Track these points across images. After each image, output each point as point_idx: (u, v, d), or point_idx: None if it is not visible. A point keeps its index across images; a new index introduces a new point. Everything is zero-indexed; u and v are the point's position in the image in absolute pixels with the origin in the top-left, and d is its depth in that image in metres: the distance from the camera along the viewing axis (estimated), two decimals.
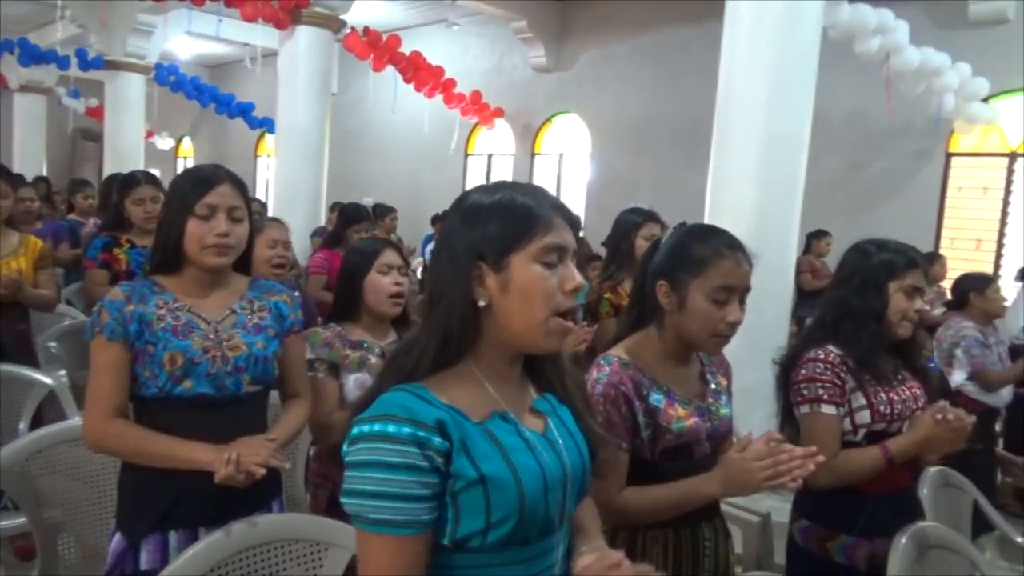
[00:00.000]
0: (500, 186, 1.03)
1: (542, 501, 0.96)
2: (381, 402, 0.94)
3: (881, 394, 1.77)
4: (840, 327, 1.79)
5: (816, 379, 1.76)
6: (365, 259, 2.03)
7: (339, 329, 2.01)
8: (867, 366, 1.77)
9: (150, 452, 1.51)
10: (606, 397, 1.38)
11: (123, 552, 1.54)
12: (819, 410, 1.75)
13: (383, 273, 2.00)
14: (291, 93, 7.13)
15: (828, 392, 1.74)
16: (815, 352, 1.79)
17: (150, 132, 12.41)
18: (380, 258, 2.02)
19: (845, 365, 1.76)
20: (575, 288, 0.98)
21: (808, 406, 1.76)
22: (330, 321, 2.06)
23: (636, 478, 1.38)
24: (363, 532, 0.92)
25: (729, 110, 4.11)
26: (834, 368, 1.75)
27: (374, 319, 2.03)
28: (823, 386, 1.74)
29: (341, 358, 1.95)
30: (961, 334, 3.31)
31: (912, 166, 6.85)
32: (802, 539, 1.84)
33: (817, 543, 1.80)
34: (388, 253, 2.04)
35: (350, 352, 1.96)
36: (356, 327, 2.03)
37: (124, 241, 2.97)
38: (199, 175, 1.60)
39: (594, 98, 9.11)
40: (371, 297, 2.01)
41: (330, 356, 1.94)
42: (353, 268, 2.04)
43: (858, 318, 1.78)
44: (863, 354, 1.76)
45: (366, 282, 2.01)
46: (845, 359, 1.77)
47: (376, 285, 2.00)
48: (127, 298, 1.53)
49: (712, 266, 1.38)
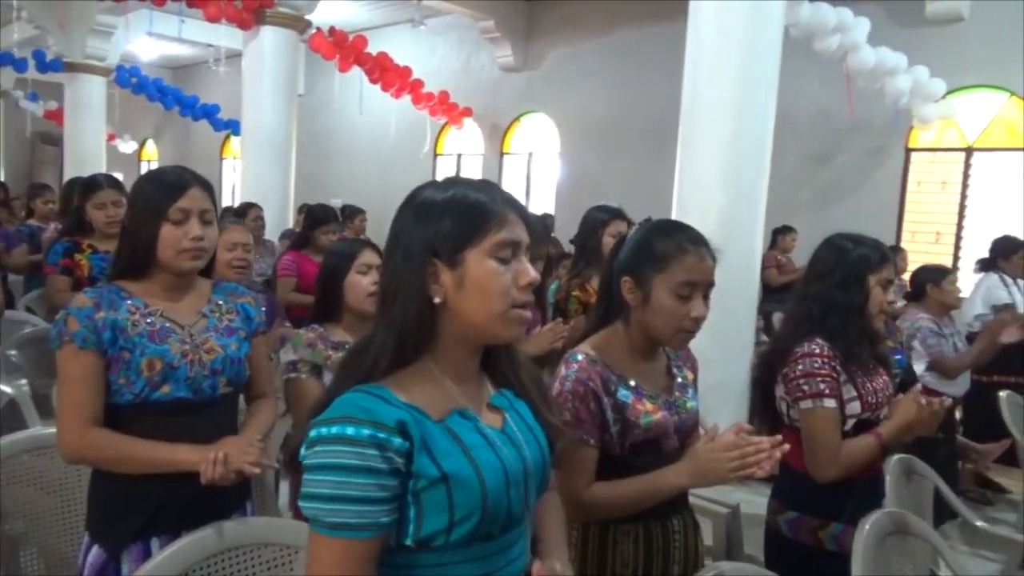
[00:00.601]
0: (451, 182, 1.03)
1: (504, 496, 0.97)
2: (339, 404, 0.94)
3: (867, 384, 1.83)
4: (826, 321, 1.84)
5: (815, 374, 1.79)
6: (344, 260, 2.05)
7: (321, 330, 2.02)
8: (853, 358, 1.82)
9: (133, 458, 1.48)
10: (575, 394, 1.38)
11: (103, 566, 1.51)
12: (822, 404, 1.78)
13: (362, 273, 2.02)
14: (256, 94, 7.06)
15: (829, 386, 1.78)
16: (808, 347, 1.82)
17: (112, 135, 12.18)
18: (359, 258, 2.04)
19: (836, 358, 1.81)
20: (529, 283, 0.99)
21: (811, 401, 1.79)
22: (312, 322, 2.07)
23: (605, 473, 1.39)
24: (318, 535, 0.91)
25: (695, 109, 4.16)
26: (830, 361, 1.80)
27: (355, 319, 2.04)
28: (824, 380, 1.78)
29: (323, 359, 1.96)
30: (917, 325, 3.39)
31: (873, 162, 6.99)
32: (790, 530, 1.87)
33: (809, 533, 1.84)
34: (367, 253, 2.06)
35: (332, 353, 1.97)
36: (338, 327, 2.04)
37: (86, 246, 2.91)
38: (167, 179, 1.57)
39: (562, 97, 9.14)
40: (351, 297, 2.02)
41: (313, 357, 1.95)
42: (333, 269, 2.06)
43: (843, 312, 1.83)
44: (850, 346, 1.81)
45: (346, 283, 2.02)
46: (834, 352, 1.81)
47: (356, 285, 2.02)
48: (96, 304, 1.49)
49: (676, 262, 1.39)
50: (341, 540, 0.89)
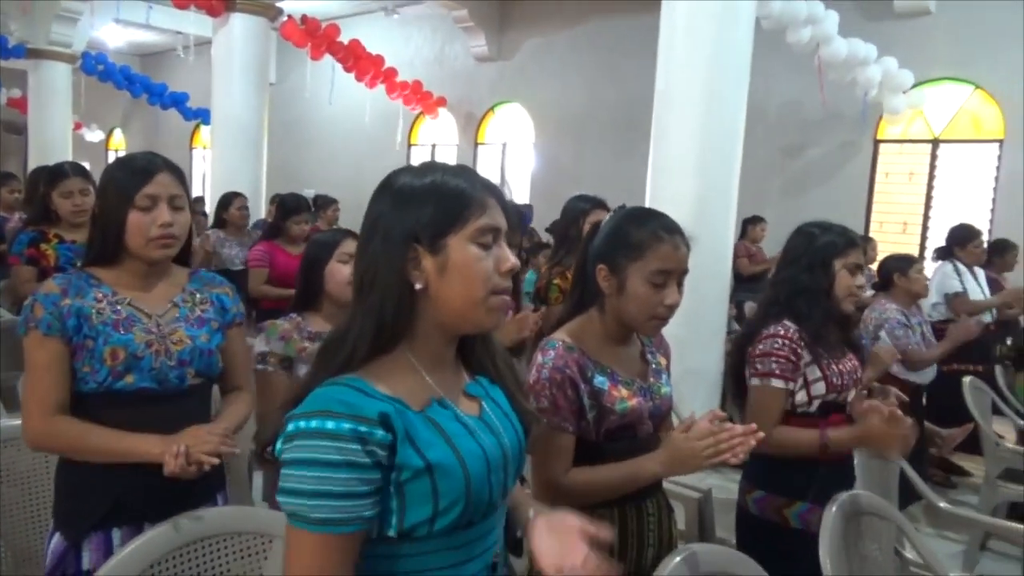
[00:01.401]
0: (429, 168, 1.02)
1: (486, 483, 0.97)
2: (317, 397, 0.92)
3: (833, 366, 1.89)
4: (793, 304, 1.90)
5: (772, 354, 1.85)
6: (325, 249, 2.05)
7: (299, 319, 2.02)
8: (820, 340, 1.88)
9: (95, 447, 1.46)
10: (552, 381, 1.39)
11: (64, 553, 1.49)
12: (768, 383, 1.85)
13: (343, 262, 2.01)
14: (226, 83, 6.95)
15: (780, 367, 1.84)
16: (775, 328, 1.88)
17: (78, 124, 11.93)
18: (340, 247, 2.04)
19: (802, 340, 1.86)
20: (510, 268, 0.99)
21: (759, 379, 1.87)
22: (292, 311, 2.06)
23: (581, 459, 1.41)
24: (298, 530, 0.89)
25: (667, 99, 4.18)
26: (791, 343, 1.85)
27: (335, 308, 2.03)
28: (776, 361, 1.84)
29: (298, 351, 1.95)
30: (885, 316, 3.44)
31: (843, 153, 7.10)
32: (757, 509, 1.92)
33: (774, 511, 1.89)
34: (348, 242, 2.05)
35: (308, 344, 1.96)
36: (316, 317, 2.04)
37: (52, 236, 2.85)
38: (135, 165, 1.54)
39: (536, 87, 9.14)
40: (332, 286, 2.02)
41: (285, 351, 1.94)
42: (314, 258, 2.06)
43: (810, 295, 1.89)
44: (817, 328, 1.87)
45: (326, 272, 2.03)
46: (801, 334, 1.86)
47: (336, 274, 2.02)
48: (63, 291, 1.47)
49: (650, 250, 1.40)
50: (323, 535, 0.88)
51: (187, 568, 1.43)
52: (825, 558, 1.53)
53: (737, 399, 2.02)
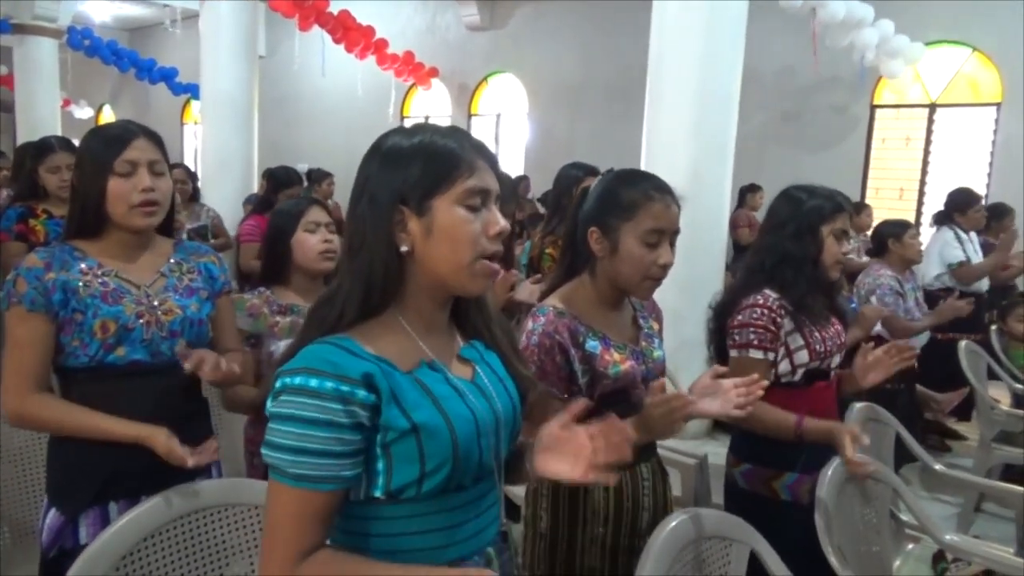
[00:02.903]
0: (419, 128, 1.00)
1: (475, 446, 0.96)
2: (305, 354, 0.92)
3: (816, 334, 1.85)
4: (777, 271, 1.85)
5: (750, 324, 1.81)
6: (290, 219, 1.97)
7: (268, 294, 1.95)
8: (804, 308, 1.83)
9: (71, 426, 1.45)
10: (541, 347, 1.38)
11: (60, 528, 1.49)
12: (747, 355, 1.81)
13: (310, 231, 1.95)
14: (215, 56, 6.84)
15: (759, 338, 1.80)
16: (754, 297, 1.84)
17: (66, 101, 11.78)
18: (306, 216, 1.96)
19: (783, 309, 1.82)
20: (499, 232, 0.97)
21: (737, 350, 1.83)
22: (260, 285, 2.00)
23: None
24: (278, 484, 0.90)
25: (661, 67, 4.13)
26: (771, 313, 1.81)
27: (306, 280, 1.97)
28: (755, 331, 1.81)
29: (269, 326, 1.90)
30: (878, 282, 3.42)
31: (839, 119, 7.04)
32: (746, 482, 1.90)
33: (762, 483, 1.87)
34: (314, 211, 1.98)
35: (279, 318, 1.91)
36: (286, 290, 1.98)
37: (40, 212, 2.82)
38: (111, 133, 1.51)
39: (530, 57, 9.03)
40: (300, 257, 1.95)
41: (253, 327, 1.88)
42: (279, 228, 1.98)
43: (796, 263, 1.84)
44: (800, 296, 1.83)
45: (293, 242, 1.95)
46: (783, 302, 1.82)
47: (304, 244, 1.94)
48: (46, 265, 1.44)
49: (642, 210, 1.39)
50: (300, 491, 0.89)
51: (182, 540, 1.43)
52: (821, 521, 1.54)
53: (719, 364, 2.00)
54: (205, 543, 1.46)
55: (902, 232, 3.49)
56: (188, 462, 1.43)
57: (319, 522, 0.91)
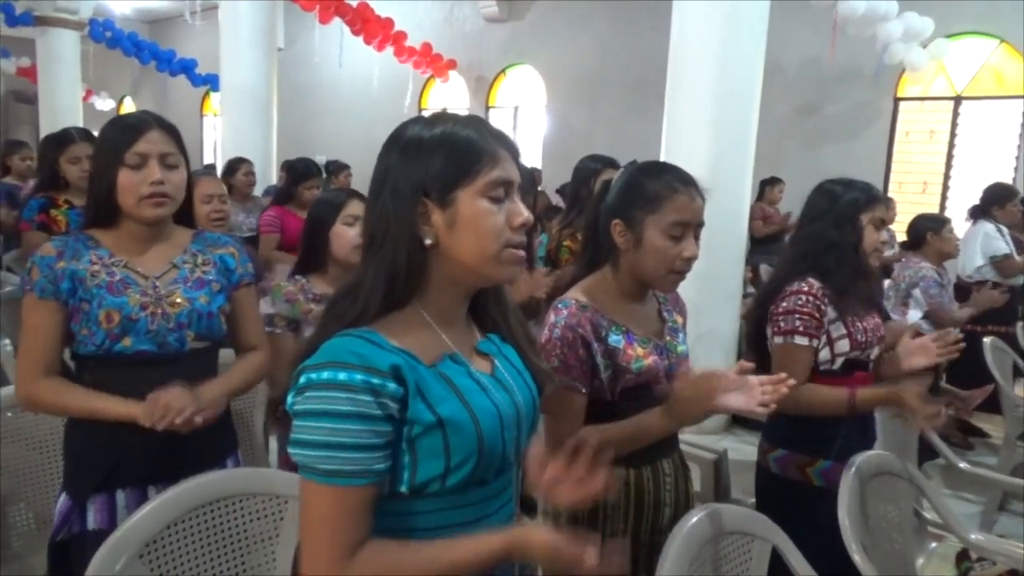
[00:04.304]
0: (439, 118, 0.98)
1: (499, 440, 0.96)
2: (329, 348, 0.91)
3: (858, 323, 1.86)
4: (821, 260, 1.86)
5: (795, 311, 1.82)
6: (330, 210, 2.01)
7: (303, 282, 1.99)
8: (846, 296, 1.84)
9: (72, 407, 1.49)
10: (563, 340, 1.37)
11: (69, 512, 1.51)
12: (792, 341, 1.81)
13: (348, 224, 1.98)
14: (235, 48, 6.87)
15: (804, 324, 1.81)
16: (798, 284, 1.84)
17: (88, 92, 11.88)
18: (345, 209, 2.00)
19: (826, 296, 1.82)
20: (523, 223, 0.96)
21: (782, 337, 1.83)
22: (296, 273, 2.03)
23: (597, 418, 1.39)
24: (310, 482, 0.89)
25: (681, 59, 4.09)
26: (815, 300, 1.82)
27: (340, 271, 2.00)
28: (800, 318, 1.81)
29: (304, 312, 1.93)
30: (920, 274, 3.41)
31: (862, 112, 6.95)
32: (779, 468, 1.90)
33: (796, 469, 1.87)
34: (353, 204, 2.01)
35: (314, 306, 1.94)
36: (321, 280, 2.01)
37: (62, 202, 2.85)
38: (125, 122, 1.52)
39: (548, 49, 8.98)
40: (337, 248, 1.99)
41: (291, 312, 1.92)
42: (318, 220, 2.02)
43: (838, 250, 1.85)
44: (844, 284, 1.83)
45: (331, 234, 1.99)
46: (825, 290, 1.83)
47: (341, 237, 1.98)
48: (59, 254, 1.47)
49: (667, 202, 1.37)
50: (335, 487, 0.88)
51: (203, 529, 1.43)
52: (844, 518, 1.52)
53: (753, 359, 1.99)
54: (227, 531, 1.47)
55: (940, 227, 3.50)
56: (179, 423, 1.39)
57: (359, 517, 0.90)
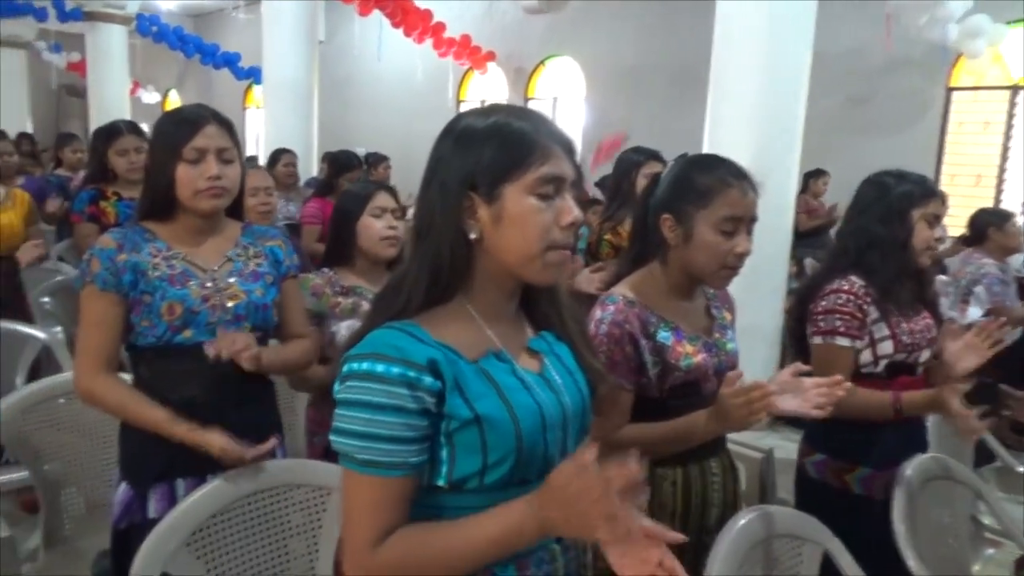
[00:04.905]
0: (495, 109, 0.96)
1: (540, 440, 0.94)
2: (371, 340, 0.91)
3: (903, 324, 1.77)
4: (864, 256, 1.78)
5: (836, 311, 1.74)
6: (357, 202, 1.98)
7: (331, 274, 1.97)
8: (891, 296, 1.75)
9: (128, 415, 1.50)
10: (610, 336, 1.35)
11: (130, 502, 1.53)
12: (832, 342, 1.74)
13: (376, 216, 1.96)
14: (277, 41, 6.95)
15: (845, 324, 1.73)
16: (839, 283, 1.77)
17: (135, 86, 12.14)
18: (373, 201, 1.97)
19: (869, 295, 1.74)
20: (572, 223, 0.93)
21: (821, 337, 1.75)
22: (323, 265, 2.02)
23: (643, 416, 1.37)
24: (349, 471, 0.90)
25: (726, 49, 4.00)
26: (857, 299, 1.74)
27: (368, 263, 1.99)
28: (841, 318, 1.73)
29: (331, 306, 1.92)
30: (983, 271, 3.29)
31: (912, 102, 6.74)
32: (817, 472, 1.84)
33: (834, 475, 1.80)
34: (381, 196, 1.99)
35: (341, 299, 1.93)
36: (349, 272, 1.99)
37: (111, 194, 2.90)
38: (182, 116, 1.54)
39: (588, 40, 8.90)
40: (364, 241, 1.96)
41: (316, 307, 1.90)
42: (345, 211, 2.00)
43: (884, 247, 1.76)
44: (888, 284, 1.75)
45: (359, 225, 1.96)
46: (868, 289, 1.75)
47: (369, 229, 1.95)
48: (119, 246, 1.48)
49: (718, 196, 1.34)
50: (371, 477, 0.88)
51: (248, 519, 1.46)
52: (900, 524, 1.47)
53: (799, 357, 1.93)
54: (271, 521, 1.49)
55: (1003, 221, 3.38)
56: (247, 456, 1.45)
57: (393, 508, 0.90)
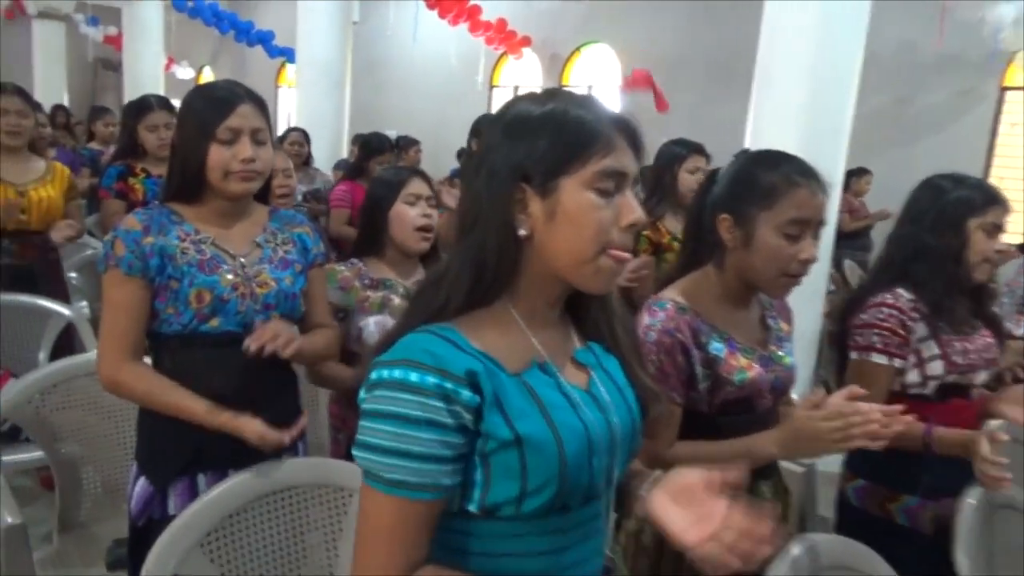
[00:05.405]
0: (552, 94, 0.87)
1: (586, 466, 0.84)
2: (405, 344, 0.81)
3: (955, 343, 1.63)
4: (912, 268, 1.63)
5: (875, 325, 1.61)
6: (390, 189, 1.87)
7: (360, 266, 1.87)
8: (942, 312, 1.61)
9: (157, 402, 1.42)
10: (660, 345, 1.24)
11: (150, 498, 1.47)
12: (867, 358, 1.61)
13: (410, 204, 1.84)
14: (311, 20, 6.89)
15: (883, 341, 1.60)
16: (882, 296, 1.63)
17: (170, 61, 12.18)
18: (407, 187, 1.86)
19: (917, 311, 1.60)
20: (633, 223, 0.84)
21: (857, 353, 1.63)
22: (353, 256, 1.92)
23: (691, 432, 1.26)
24: (371, 489, 0.80)
25: (773, 41, 3.85)
26: (901, 315, 1.60)
27: (399, 255, 1.88)
28: (879, 333, 1.60)
29: (359, 301, 1.82)
30: None
31: (962, 101, 6.52)
32: (858, 500, 1.71)
33: (876, 504, 1.68)
34: (415, 182, 1.88)
35: (370, 293, 1.82)
36: (380, 263, 1.89)
37: (139, 170, 2.85)
38: (216, 94, 1.45)
39: (625, 27, 8.72)
40: (396, 230, 1.85)
41: (343, 300, 1.81)
42: (377, 198, 1.88)
43: (933, 258, 1.62)
44: (938, 298, 1.61)
45: (391, 214, 1.85)
46: (917, 304, 1.61)
47: (402, 217, 1.84)
48: (145, 228, 1.40)
49: (784, 196, 1.22)
50: (398, 499, 0.79)
51: (265, 520, 1.39)
52: (963, 559, 1.36)
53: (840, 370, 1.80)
54: (289, 523, 1.42)
55: None
56: (285, 440, 1.38)
57: (419, 535, 0.81)
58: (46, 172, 2.82)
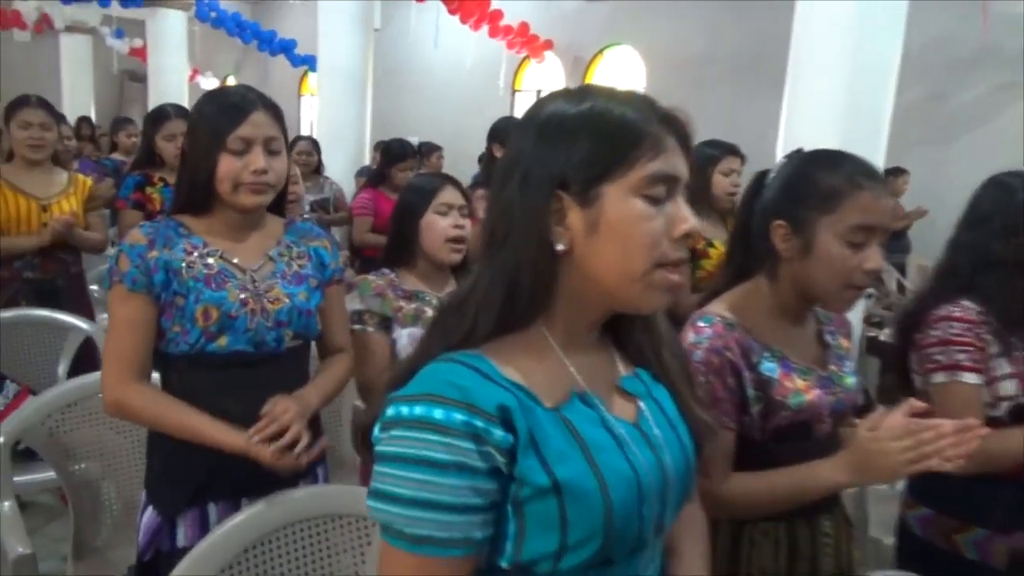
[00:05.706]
0: (588, 92, 0.77)
1: (635, 516, 0.73)
2: (427, 376, 0.72)
3: None
4: (978, 278, 1.47)
5: (953, 341, 1.44)
6: (422, 197, 1.78)
7: (392, 277, 1.79)
8: (1014, 326, 1.45)
9: (168, 426, 1.34)
10: (708, 366, 1.13)
11: (158, 529, 1.39)
12: (959, 379, 1.43)
13: (442, 214, 1.76)
14: (333, 28, 6.88)
15: (969, 357, 1.43)
16: (948, 309, 1.47)
17: (194, 72, 12.29)
18: (439, 196, 1.77)
19: (987, 324, 1.45)
20: (687, 233, 0.74)
21: (945, 374, 1.44)
22: (383, 267, 1.84)
23: (742, 463, 1.15)
24: (392, 548, 0.69)
25: (807, 37, 3.72)
26: (975, 328, 1.44)
27: (431, 267, 1.80)
28: (963, 350, 1.43)
29: (394, 310, 1.73)
30: None
31: (1001, 96, 6.30)
32: (922, 530, 1.56)
33: (942, 535, 1.52)
34: (448, 191, 1.79)
35: (404, 304, 1.74)
36: (411, 275, 1.81)
37: (157, 180, 2.81)
38: (228, 101, 1.37)
39: (649, 28, 8.60)
40: (427, 240, 1.77)
41: (381, 308, 1.73)
42: (408, 207, 1.80)
43: (1002, 268, 1.46)
44: (1009, 312, 1.45)
45: (422, 223, 1.77)
46: (987, 318, 1.45)
47: (433, 228, 1.76)
48: (150, 242, 1.33)
49: (848, 201, 1.11)
50: (423, 559, 0.68)
51: (284, 553, 1.30)
52: None
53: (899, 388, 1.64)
54: (309, 556, 1.33)
55: None
56: (302, 463, 1.30)
57: None
58: (68, 184, 2.83)
